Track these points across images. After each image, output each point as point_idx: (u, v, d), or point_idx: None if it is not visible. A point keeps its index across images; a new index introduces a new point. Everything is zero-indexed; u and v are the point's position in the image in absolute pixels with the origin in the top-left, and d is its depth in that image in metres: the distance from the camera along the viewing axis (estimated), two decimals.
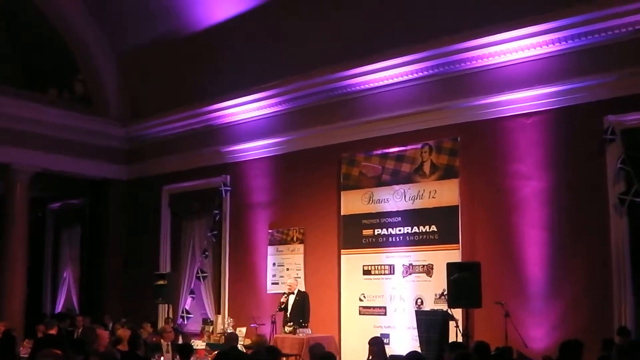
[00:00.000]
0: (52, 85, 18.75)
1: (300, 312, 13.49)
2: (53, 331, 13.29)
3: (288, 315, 13.49)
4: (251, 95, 15.70)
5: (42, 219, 22.36)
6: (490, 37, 12.02)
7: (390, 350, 11.31)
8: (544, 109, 11.81)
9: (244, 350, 11.53)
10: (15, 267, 17.28)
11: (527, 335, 11.04)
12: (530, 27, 11.56)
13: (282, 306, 13.60)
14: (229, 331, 13.97)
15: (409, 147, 13.36)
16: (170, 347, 12.42)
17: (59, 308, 20.87)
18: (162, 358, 11.44)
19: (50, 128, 17.75)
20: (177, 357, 10.50)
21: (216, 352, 11.15)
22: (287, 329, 13.25)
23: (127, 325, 14.19)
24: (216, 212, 16.54)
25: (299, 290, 13.82)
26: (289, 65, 14.88)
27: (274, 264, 15.37)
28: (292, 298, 13.65)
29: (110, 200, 19.73)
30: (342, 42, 14.09)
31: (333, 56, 14.07)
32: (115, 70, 19.14)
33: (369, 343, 9.90)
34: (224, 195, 16.56)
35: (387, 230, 13.49)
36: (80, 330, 15.69)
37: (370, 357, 9.80)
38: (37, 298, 21.07)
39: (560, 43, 11.48)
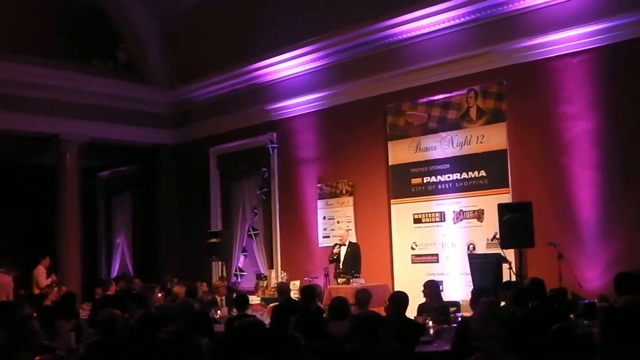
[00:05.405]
0: (95, 56, 18.95)
1: (353, 263, 13.48)
2: (110, 292, 13.55)
3: (341, 267, 13.54)
4: (293, 51, 15.65)
5: (93, 188, 22.71)
6: None
7: (444, 297, 11.33)
8: (590, 47, 11.54)
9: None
10: (69, 236, 17.59)
11: (580, 277, 10.95)
12: None
13: (335, 257, 13.63)
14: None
15: (454, 94, 13.26)
16: (224, 302, 12.62)
17: (114, 274, 21.21)
18: (218, 312, 11.59)
19: (96, 97, 17.88)
20: (234, 309, 10.61)
21: (271, 304, 11.27)
22: (340, 280, 13.32)
23: (181, 284, 14.40)
24: (264, 170, 16.56)
25: (350, 242, 13.84)
26: (330, 19, 14.77)
27: (324, 218, 15.42)
28: (343, 249, 13.66)
29: (159, 165, 19.96)
30: None
31: (373, 7, 13.93)
32: (157, 36, 19.17)
33: (424, 286, 10.01)
34: (271, 152, 16.60)
35: (436, 177, 13.46)
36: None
37: (426, 300, 9.89)
38: (92, 265, 21.50)
39: None
